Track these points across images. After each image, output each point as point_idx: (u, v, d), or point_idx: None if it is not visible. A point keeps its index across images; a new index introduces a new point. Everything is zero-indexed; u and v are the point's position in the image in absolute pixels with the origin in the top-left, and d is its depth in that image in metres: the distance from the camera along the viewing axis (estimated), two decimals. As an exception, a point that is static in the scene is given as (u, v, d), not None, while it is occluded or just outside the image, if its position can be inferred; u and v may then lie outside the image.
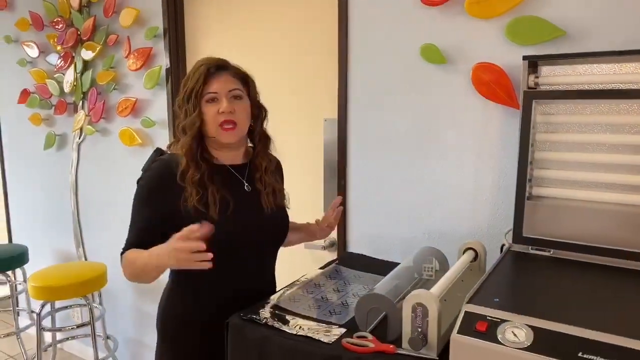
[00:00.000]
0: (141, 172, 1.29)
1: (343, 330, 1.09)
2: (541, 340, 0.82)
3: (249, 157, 1.37)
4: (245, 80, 1.30)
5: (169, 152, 1.32)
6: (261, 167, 1.33)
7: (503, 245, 1.40)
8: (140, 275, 1.22)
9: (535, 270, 1.15)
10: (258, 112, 1.34)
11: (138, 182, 1.28)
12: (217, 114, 1.23)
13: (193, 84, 1.23)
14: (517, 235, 1.27)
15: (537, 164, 1.28)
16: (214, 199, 1.22)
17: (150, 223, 1.23)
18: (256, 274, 1.33)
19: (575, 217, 1.22)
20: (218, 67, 1.25)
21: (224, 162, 1.31)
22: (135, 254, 1.21)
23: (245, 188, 1.32)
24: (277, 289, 1.34)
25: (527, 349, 0.81)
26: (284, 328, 1.10)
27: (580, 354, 0.78)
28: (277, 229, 1.36)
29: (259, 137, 1.35)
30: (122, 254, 1.25)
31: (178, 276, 1.33)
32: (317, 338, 1.05)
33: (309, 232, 1.49)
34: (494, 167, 1.49)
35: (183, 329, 1.30)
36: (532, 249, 1.25)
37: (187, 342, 1.30)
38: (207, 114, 1.23)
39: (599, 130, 1.22)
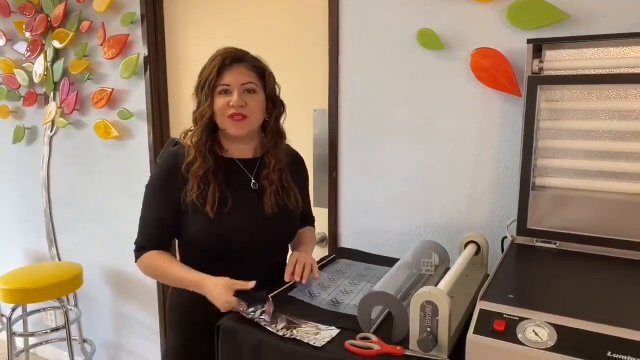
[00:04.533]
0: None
1: (334, 332, 1.02)
2: (565, 340, 0.76)
3: (261, 152, 1.32)
4: (262, 73, 1.26)
5: (180, 141, 1.29)
6: (269, 164, 1.28)
7: (504, 237, 1.35)
8: (162, 280, 1.28)
9: (543, 263, 1.09)
10: (273, 107, 1.29)
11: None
12: (227, 106, 1.20)
13: (207, 74, 1.21)
14: (521, 227, 1.22)
15: (541, 153, 1.23)
16: (213, 196, 1.20)
17: (160, 217, 1.24)
18: (258, 272, 1.23)
19: (581, 208, 1.17)
20: (234, 58, 1.22)
21: (233, 155, 1.28)
22: (164, 261, 1.23)
23: (252, 185, 1.27)
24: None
25: (551, 349, 0.76)
26: (270, 328, 1.03)
27: (609, 354, 0.72)
28: (280, 229, 1.30)
29: (271, 133, 1.31)
30: (137, 250, 1.26)
31: None
32: (305, 341, 0.98)
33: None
34: (493, 156, 1.44)
35: (188, 321, 1.30)
36: (537, 241, 1.20)
37: (190, 335, 1.29)
38: (217, 106, 1.21)
39: (606, 116, 1.18)
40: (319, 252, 1.81)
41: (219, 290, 1.12)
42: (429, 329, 0.90)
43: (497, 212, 1.46)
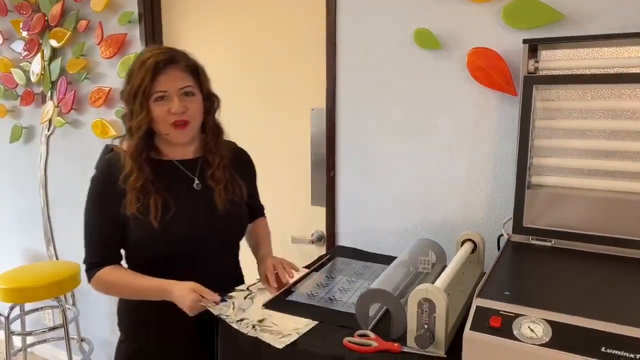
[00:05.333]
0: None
1: (300, 333, 1.02)
2: (560, 336, 0.77)
3: (201, 151, 1.27)
4: (196, 72, 1.19)
5: (116, 147, 1.23)
6: (213, 163, 1.23)
7: (500, 235, 1.36)
8: (120, 295, 1.24)
9: (539, 261, 1.11)
10: (210, 104, 1.24)
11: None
12: (167, 113, 1.13)
13: (140, 81, 1.11)
14: (517, 225, 1.23)
15: (536, 152, 1.25)
16: (156, 205, 1.14)
17: (104, 230, 1.19)
18: (214, 274, 1.22)
19: (576, 206, 1.18)
20: (168, 60, 1.13)
21: (172, 157, 1.23)
22: (122, 275, 1.18)
23: (195, 185, 1.23)
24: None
25: (546, 344, 0.77)
26: (235, 325, 1.05)
27: (603, 349, 0.74)
28: (232, 226, 1.27)
29: (211, 131, 1.25)
30: (90, 268, 1.19)
31: None
32: (265, 340, 1.00)
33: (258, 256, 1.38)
34: (490, 155, 1.45)
35: (138, 320, 1.26)
36: (532, 239, 1.21)
37: (143, 338, 1.26)
38: (156, 113, 1.14)
39: (600, 116, 1.19)
40: (317, 251, 1.82)
41: (186, 294, 1.09)
42: (426, 326, 0.91)
43: (493, 211, 1.47)
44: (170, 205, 1.16)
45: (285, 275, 1.23)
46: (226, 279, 1.27)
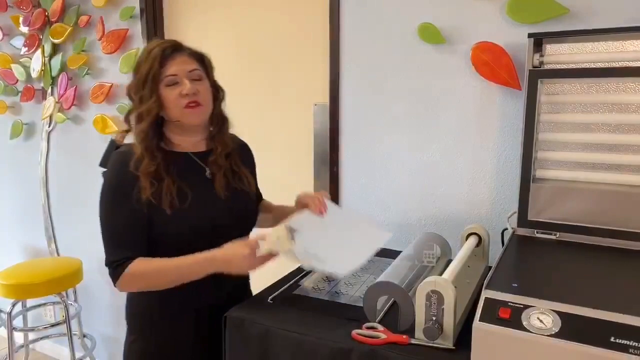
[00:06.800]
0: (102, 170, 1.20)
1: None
2: (570, 326, 0.78)
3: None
4: (202, 61, 1.21)
5: (116, 140, 1.22)
6: (217, 151, 1.24)
7: (505, 229, 1.37)
8: (156, 285, 1.15)
9: (544, 254, 1.11)
10: (216, 94, 1.24)
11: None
12: (179, 96, 1.13)
13: (148, 68, 1.12)
14: (522, 219, 1.24)
15: (541, 146, 1.25)
16: (170, 192, 1.13)
17: (130, 222, 1.13)
18: None
19: (580, 199, 1.19)
20: (174, 48, 1.15)
21: (185, 149, 1.22)
22: (155, 263, 1.12)
23: (207, 175, 1.23)
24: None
25: (556, 335, 0.77)
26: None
27: (612, 339, 0.74)
28: (237, 214, 1.25)
29: (216, 120, 1.25)
30: (117, 266, 1.12)
31: None
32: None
33: (282, 213, 1.33)
34: (493, 149, 1.46)
35: (151, 320, 1.24)
36: (537, 232, 1.22)
37: (156, 333, 1.24)
38: (167, 98, 1.14)
39: (605, 109, 1.19)
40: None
41: (239, 247, 1.06)
42: (434, 318, 0.92)
43: (497, 205, 1.48)
44: (187, 193, 1.16)
45: (319, 204, 1.22)
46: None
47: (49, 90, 2.48)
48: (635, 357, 0.72)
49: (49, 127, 2.55)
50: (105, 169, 1.18)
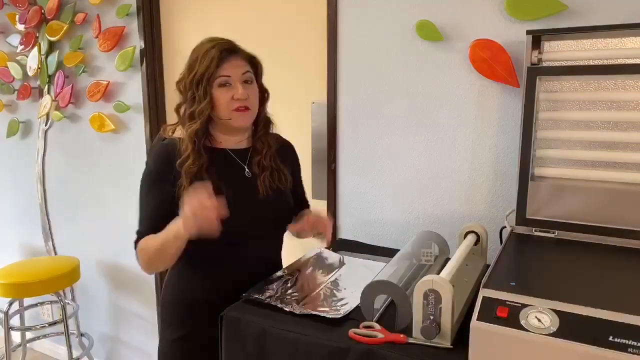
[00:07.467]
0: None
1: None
2: (568, 325, 0.77)
3: (254, 141, 1.32)
4: (254, 64, 1.27)
5: (164, 134, 1.26)
6: (261, 151, 1.29)
7: (503, 227, 1.36)
8: (156, 258, 1.17)
9: (542, 252, 1.11)
10: (262, 96, 1.30)
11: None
12: (231, 99, 1.19)
13: (204, 68, 1.17)
14: (520, 217, 1.24)
15: (539, 144, 1.25)
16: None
17: (158, 209, 1.19)
18: (258, 259, 1.27)
19: (579, 197, 1.19)
20: (230, 50, 1.21)
21: (226, 146, 1.27)
22: (148, 239, 1.17)
23: (246, 174, 1.27)
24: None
25: (554, 334, 0.77)
26: (287, 308, 1.07)
27: (611, 338, 0.74)
28: (276, 212, 1.29)
29: (262, 121, 1.31)
30: (137, 239, 1.20)
31: (178, 263, 1.24)
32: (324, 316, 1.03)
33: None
34: (492, 147, 1.45)
35: (186, 313, 1.27)
36: (535, 230, 1.21)
37: (190, 326, 1.26)
38: (219, 100, 1.19)
39: (604, 107, 1.19)
40: (319, 244, 1.81)
41: (184, 211, 1.05)
42: (432, 317, 0.91)
43: (495, 203, 1.47)
44: (222, 191, 1.16)
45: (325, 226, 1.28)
46: (269, 266, 1.30)
47: (46, 89, 2.47)
48: (634, 356, 0.71)
49: (45, 125, 2.54)
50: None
